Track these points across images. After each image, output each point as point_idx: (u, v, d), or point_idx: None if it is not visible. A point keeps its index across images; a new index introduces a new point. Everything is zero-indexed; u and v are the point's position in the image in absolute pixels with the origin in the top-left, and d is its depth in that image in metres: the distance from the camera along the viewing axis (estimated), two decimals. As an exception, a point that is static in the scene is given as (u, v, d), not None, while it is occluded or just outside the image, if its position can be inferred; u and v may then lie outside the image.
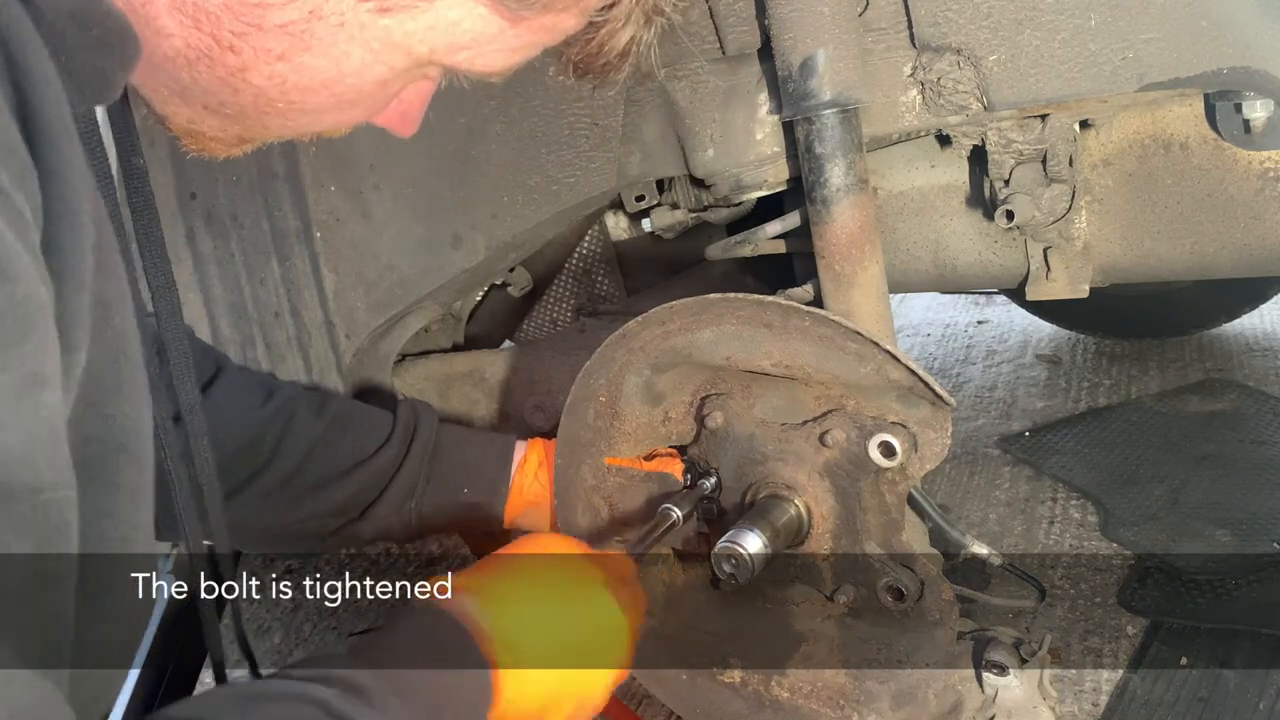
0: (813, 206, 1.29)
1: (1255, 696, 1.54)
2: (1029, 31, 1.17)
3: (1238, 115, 1.23)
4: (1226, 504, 2.06)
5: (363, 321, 1.57)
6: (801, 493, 1.21)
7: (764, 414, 1.24)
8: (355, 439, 1.33)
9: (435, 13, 0.67)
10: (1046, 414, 2.63)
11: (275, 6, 0.65)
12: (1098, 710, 1.56)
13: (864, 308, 1.31)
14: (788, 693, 1.27)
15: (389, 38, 0.68)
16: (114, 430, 0.65)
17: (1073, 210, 1.39)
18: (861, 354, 1.13)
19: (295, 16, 0.65)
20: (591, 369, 1.28)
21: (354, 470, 1.31)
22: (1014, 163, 1.36)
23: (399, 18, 0.67)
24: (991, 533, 2.10)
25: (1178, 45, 1.11)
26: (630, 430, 1.31)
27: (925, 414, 1.15)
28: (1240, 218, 1.37)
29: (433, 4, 0.67)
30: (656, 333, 1.23)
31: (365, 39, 0.67)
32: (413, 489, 1.34)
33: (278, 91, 0.70)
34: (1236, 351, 2.81)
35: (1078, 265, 1.47)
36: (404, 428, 1.35)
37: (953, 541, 1.29)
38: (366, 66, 0.69)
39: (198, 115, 0.74)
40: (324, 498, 1.29)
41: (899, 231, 1.59)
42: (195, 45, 0.67)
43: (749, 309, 1.17)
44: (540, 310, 2.00)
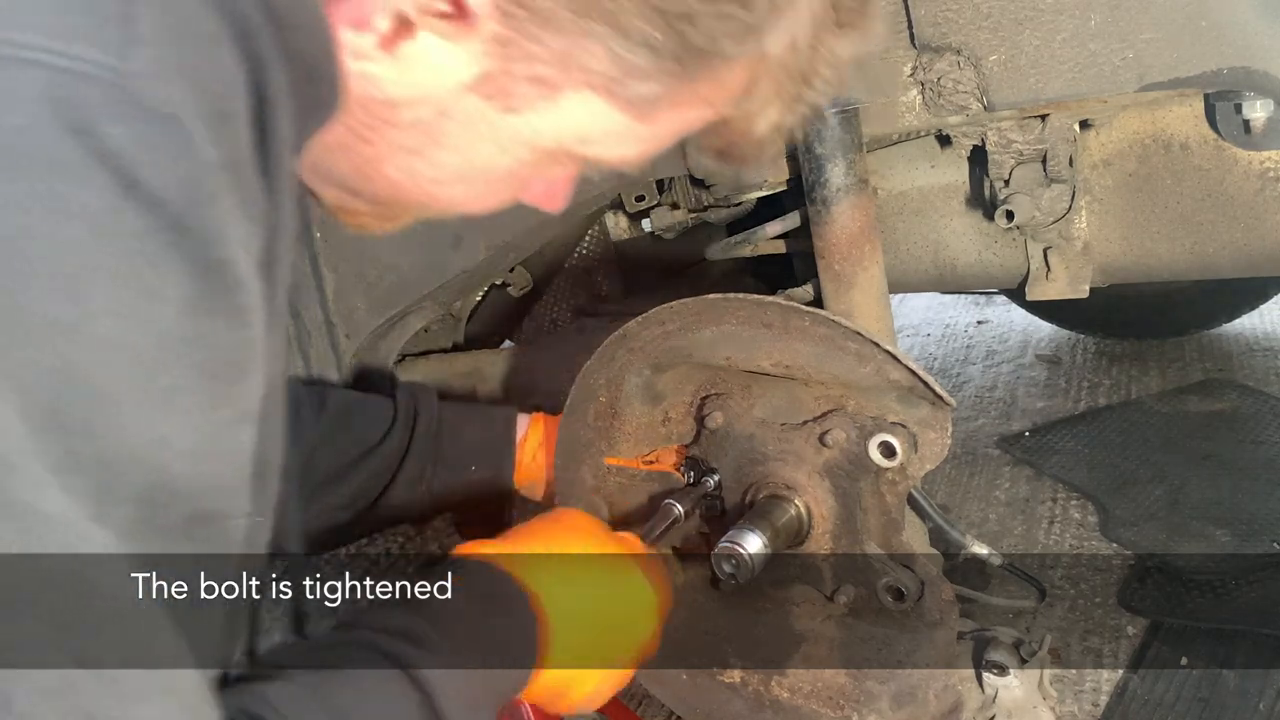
0: (813, 206, 1.29)
1: (1255, 696, 1.54)
2: (1029, 32, 1.17)
3: (1238, 115, 1.23)
4: (1226, 504, 2.06)
5: (363, 321, 1.56)
6: (801, 493, 1.21)
7: (764, 414, 1.24)
8: (359, 430, 1.34)
9: (561, 110, 0.68)
10: (1046, 414, 2.62)
11: (405, 105, 0.67)
12: (1098, 710, 1.56)
13: (864, 308, 1.31)
14: (788, 693, 1.27)
15: (516, 134, 0.70)
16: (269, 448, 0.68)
17: (1073, 210, 1.39)
18: (861, 354, 1.13)
19: (425, 115, 0.68)
20: (591, 369, 1.28)
21: (361, 461, 1.32)
22: (1014, 163, 1.36)
23: (525, 115, 0.68)
24: (991, 533, 2.10)
25: (1178, 45, 1.11)
26: (630, 430, 1.31)
27: (925, 414, 1.15)
28: (1240, 218, 1.37)
29: (557, 102, 0.68)
30: (656, 333, 1.23)
31: (493, 135, 0.69)
32: (422, 471, 1.35)
33: (411, 183, 0.72)
34: (1236, 351, 2.81)
35: (1078, 265, 1.47)
36: (405, 412, 1.36)
37: (953, 541, 1.29)
38: (495, 159, 0.71)
39: (342, 197, 0.77)
40: (334, 491, 1.30)
41: (899, 231, 1.59)
42: (336, 134, 0.69)
43: (749, 309, 1.17)
44: (540, 310, 2.00)
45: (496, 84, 0.66)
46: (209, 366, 0.55)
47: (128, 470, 0.53)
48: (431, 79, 0.66)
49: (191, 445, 0.55)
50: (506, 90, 0.67)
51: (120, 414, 0.52)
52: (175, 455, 0.55)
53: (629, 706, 1.58)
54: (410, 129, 0.68)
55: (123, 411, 0.52)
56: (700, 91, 0.69)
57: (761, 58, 0.69)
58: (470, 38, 0.64)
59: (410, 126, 0.68)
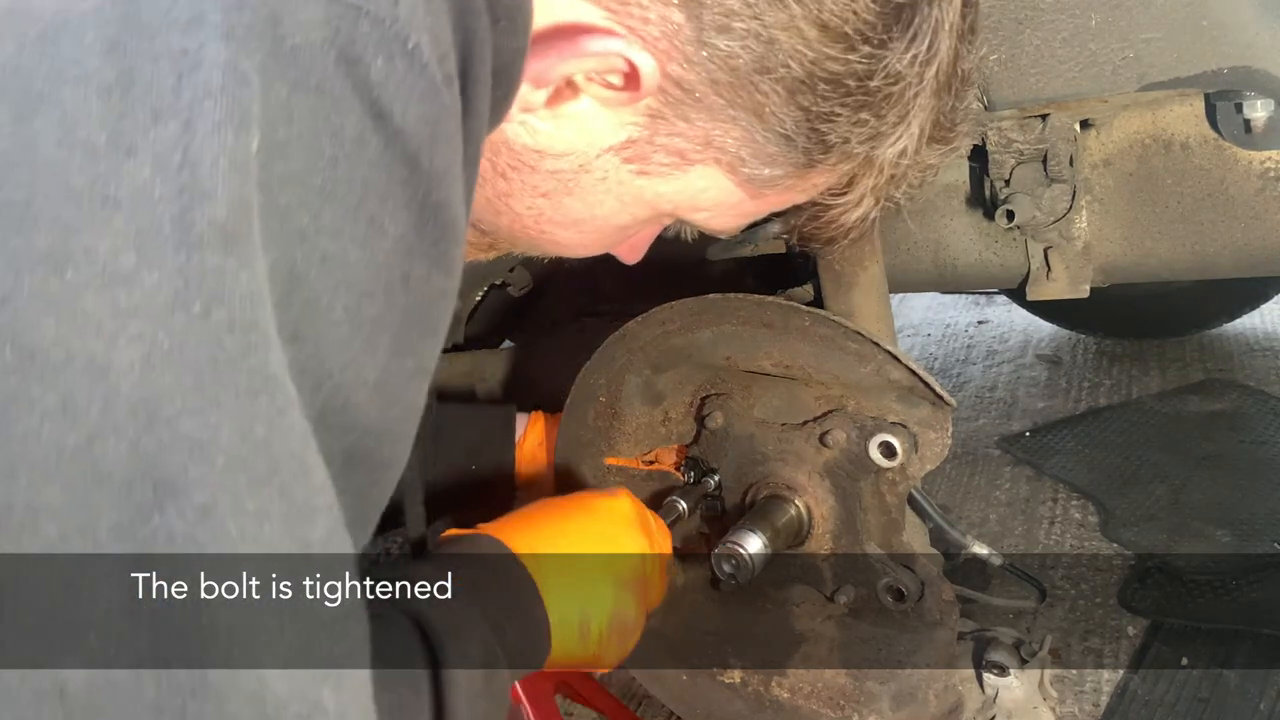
0: (813, 206, 1.29)
1: (1256, 697, 1.54)
2: (1029, 31, 1.17)
3: (1238, 115, 1.23)
4: (1227, 504, 2.06)
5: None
6: (802, 493, 1.21)
7: (764, 414, 1.24)
8: None
9: (687, 180, 0.73)
10: (1047, 414, 2.62)
11: (551, 156, 0.70)
12: (1098, 710, 1.56)
13: (864, 308, 1.31)
14: (788, 693, 1.27)
15: (641, 195, 0.74)
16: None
17: (1073, 210, 1.39)
18: (861, 354, 1.13)
19: (566, 167, 0.71)
20: (591, 369, 1.28)
21: None
22: (1014, 162, 1.36)
23: (654, 180, 0.73)
24: (992, 533, 2.10)
25: (1178, 45, 1.10)
26: (630, 430, 1.31)
27: (925, 414, 1.15)
28: (1241, 217, 1.37)
29: (686, 173, 0.72)
30: (656, 333, 1.23)
31: (620, 193, 0.73)
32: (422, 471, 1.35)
33: (533, 221, 0.76)
34: (1237, 351, 2.80)
35: (1078, 265, 1.47)
36: None
37: (953, 542, 1.29)
38: (615, 214, 0.75)
39: None
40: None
41: (899, 231, 1.59)
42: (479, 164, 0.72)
43: (749, 309, 1.17)
44: (540, 310, 2.00)
45: (638, 150, 0.70)
46: (409, 312, 0.56)
47: (313, 379, 0.53)
48: (583, 139, 0.70)
49: (376, 382, 0.56)
50: (645, 157, 0.71)
51: (323, 325, 0.52)
52: (361, 384, 0.55)
53: (629, 707, 1.59)
54: (548, 176, 0.72)
55: (328, 324, 0.52)
56: (813, 180, 0.75)
57: (873, 161, 0.74)
58: (628, 108, 0.68)
59: (549, 174, 0.72)
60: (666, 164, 0.71)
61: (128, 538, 0.45)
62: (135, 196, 0.45)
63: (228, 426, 0.47)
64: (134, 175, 0.46)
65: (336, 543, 0.52)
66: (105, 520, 0.45)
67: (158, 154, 0.46)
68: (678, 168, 0.72)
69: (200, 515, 0.46)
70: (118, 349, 0.45)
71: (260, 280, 0.48)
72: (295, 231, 0.50)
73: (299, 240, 0.51)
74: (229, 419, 0.47)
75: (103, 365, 0.45)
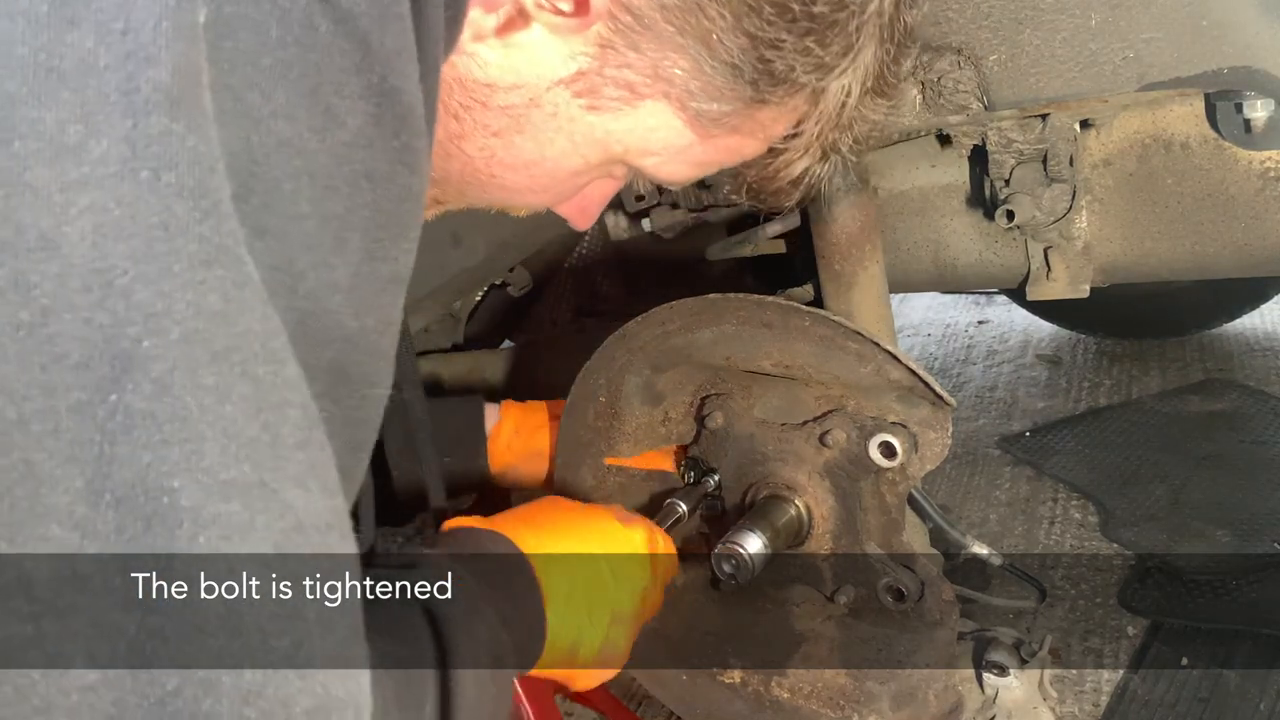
0: (813, 206, 1.29)
1: (1256, 697, 1.54)
2: (1029, 31, 1.17)
3: (1238, 115, 1.23)
4: (1227, 504, 2.06)
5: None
6: (801, 493, 1.21)
7: (764, 414, 1.24)
8: None
9: (637, 117, 0.73)
10: (1047, 414, 2.62)
11: (502, 89, 0.70)
12: (1098, 710, 1.56)
13: (864, 308, 1.31)
14: (788, 693, 1.27)
15: (591, 133, 0.73)
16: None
17: (1073, 210, 1.39)
18: (861, 354, 1.13)
19: (517, 101, 0.71)
20: (591, 369, 1.28)
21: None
22: (1014, 162, 1.36)
23: (604, 116, 0.72)
24: (992, 533, 2.10)
25: (1178, 45, 1.10)
26: (630, 430, 1.31)
27: (925, 414, 1.15)
28: (1241, 217, 1.36)
29: (636, 109, 0.72)
30: (656, 333, 1.23)
31: (571, 131, 0.73)
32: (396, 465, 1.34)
33: (484, 164, 0.75)
34: (1237, 351, 2.81)
35: (1078, 265, 1.47)
36: None
37: (953, 542, 1.29)
38: (566, 155, 0.75)
39: None
40: None
41: (899, 231, 1.59)
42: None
43: (749, 309, 1.17)
44: (540, 310, 2.00)
45: (588, 83, 0.70)
46: (376, 211, 0.54)
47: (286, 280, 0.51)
48: (532, 70, 0.69)
49: (349, 287, 0.53)
50: (595, 90, 0.70)
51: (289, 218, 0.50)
52: (334, 289, 0.53)
53: (629, 707, 1.58)
54: (499, 113, 0.71)
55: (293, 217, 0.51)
56: (760, 118, 0.75)
57: (817, 100, 0.75)
58: (578, 36, 0.68)
59: (500, 110, 0.71)
60: (616, 98, 0.71)
61: (88, 417, 0.44)
62: (80, 66, 0.44)
63: (181, 296, 0.45)
64: (78, 45, 0.45)
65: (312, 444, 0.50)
66: (64, 400, 0.44)
67: (100, 22, 0.45)
68: (628, 102, 0.71)
69: (158, 390, 0.45)
70: (69, 222, 0.44)
71: (211, 148, 0.47)
72: (247, 111, 0.49)
73: (253, 122, 0.49)
74: (181, 288, 0.45)
75: (54, 239, 0.44)
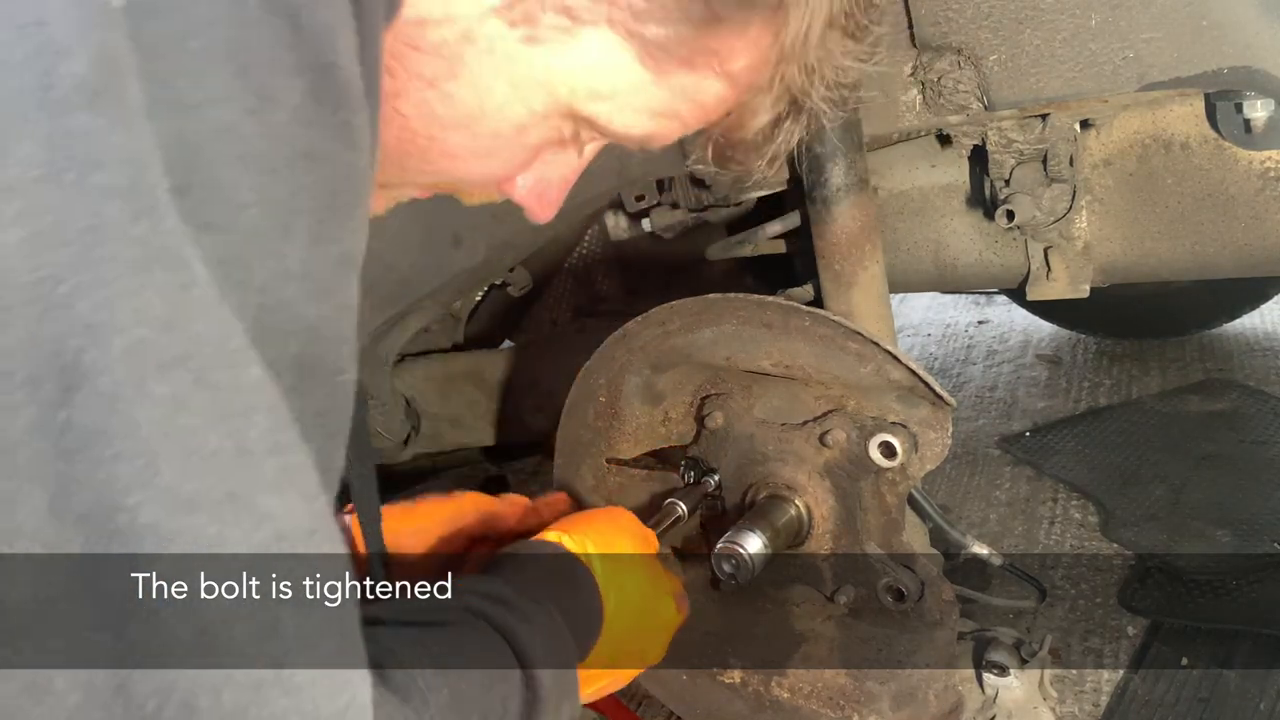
0: (813, 206, 1.29)
1: (1256, 696, 1.54)
2: (1029, 31, 1.17)
3: (1238, 115, 1.23)
4: (1227, 504, 2.06)
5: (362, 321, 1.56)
6: (801, 493, 1.21)
7: (764, 414, 1.24)
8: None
9: (581, 49, 0.68)
10: (1047, 414, 2.62)
11: (432, 24, 0.66)
12: (1098, 710, 1.56)
13: (864, 308, 1.31)
14: (788, 693, 1.27)
15: (531, 72, 0.69)
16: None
17: (1073, 210, 1.39)
18: (862, 354, 1.13)
19: (449, 36, 0.67)
20: (591, 369, 1.28)
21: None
22: (1014, 162, 1.36)
23: (544, 50, 0.68)
24: (992, 533, 2.10)
25: (1178, 45, 1.10)
26: (630, 430, 1.31)
27: (925, 414, 1.15)
28: (1241, 217, 1.37)
29: (577, 38, 0.67)
30: (656, 333, 1.23)
31: (510, 71, 0.69)
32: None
33: (422, 126, 0.71)
34: (1236, 351, 2.81)
35: (1078, 265, 1.47)
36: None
37: (953, 542, 1.29)
38: (508, 104, 0.70)
39: None
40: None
41: (899, 231, 1.59)
42: None
43: (749, 309, 1.17)
44: (540, 310, 2.00)
45: (524, 9, 0.66)
46: (321, 192, 0.53)
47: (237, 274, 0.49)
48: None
49: (301, 273, 0.51)
50: (531, 17, 0.66)
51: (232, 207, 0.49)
52: (287, 277, 0.51)
53: (629, 706, 1.58)
54: (432, 55, 0.67)
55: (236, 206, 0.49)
56: (714, 46, 0.69)
57: (778, 32, 0.69)
58: None
59: (432, 51, 0.67)
60: (555, 25, 0.66)
61: (43, 435, 0.43)
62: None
63: (122, 304, 0.43)
64: None
65: (285, 448, 0.49)
66: (19, 419, 0.43)
67: (10, 15, 0.43)
68: (567, 31, 0.67)
69: (106, 405, 0.43)
70: (2, 231, 0.42)
71: (141, 143, 0.45)
72: (178, 99, 0.47)
73: (185, 110, 0.47)
74: (121, 296, 0.43)
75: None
